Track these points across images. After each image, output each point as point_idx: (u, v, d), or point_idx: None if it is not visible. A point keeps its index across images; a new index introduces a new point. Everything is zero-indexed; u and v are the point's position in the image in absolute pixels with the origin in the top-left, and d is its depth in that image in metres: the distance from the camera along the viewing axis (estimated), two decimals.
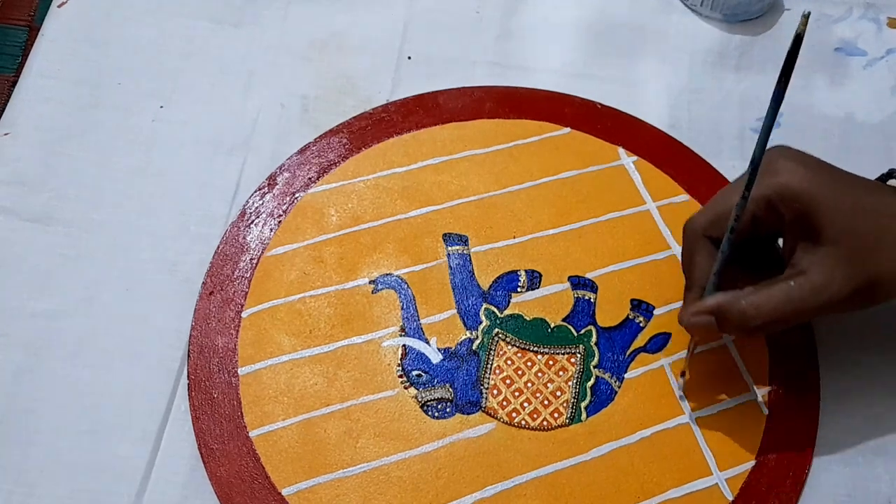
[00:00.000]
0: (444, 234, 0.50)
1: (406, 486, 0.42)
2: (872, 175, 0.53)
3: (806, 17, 0.33)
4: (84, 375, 0.45)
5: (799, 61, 0.59)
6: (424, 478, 0.43)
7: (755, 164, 0.37)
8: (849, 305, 0.39)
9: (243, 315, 0.47)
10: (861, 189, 0.40)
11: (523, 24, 0.58)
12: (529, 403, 0.45)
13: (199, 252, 0.49)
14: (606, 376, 0.46)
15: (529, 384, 0.45)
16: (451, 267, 0.49)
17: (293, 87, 0.55)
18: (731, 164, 0.53)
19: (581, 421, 0.44)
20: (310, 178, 0.51)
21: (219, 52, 0.56)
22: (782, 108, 0.55)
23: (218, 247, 0.49)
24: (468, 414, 0.44)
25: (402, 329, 0.47)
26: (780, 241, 0.42)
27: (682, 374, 0.45)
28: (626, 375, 0.46)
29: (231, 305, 0.47)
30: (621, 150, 0.53)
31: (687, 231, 0.43)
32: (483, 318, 0.47)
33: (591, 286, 0.48)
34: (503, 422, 0.44)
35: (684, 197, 0.51)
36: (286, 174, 0.51)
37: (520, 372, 0.46)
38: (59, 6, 0.57)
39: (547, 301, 0.48)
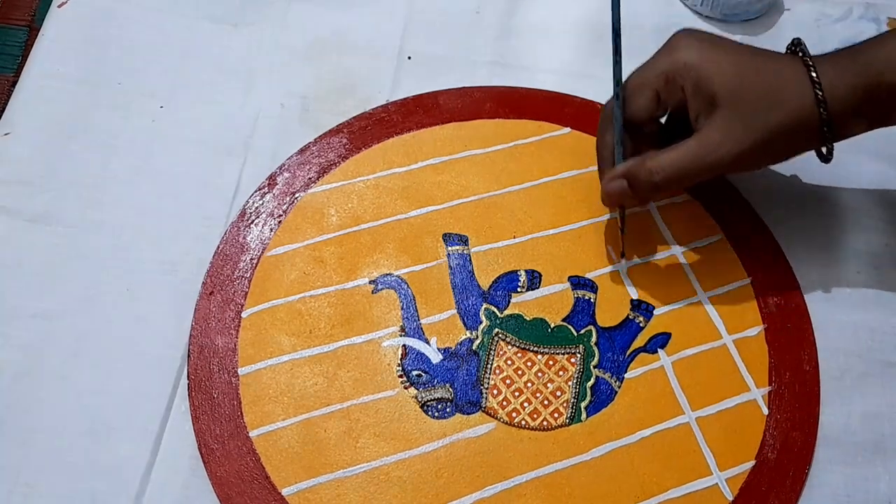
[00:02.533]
0: (444, 234, 0.50)
1: (406, 486, 0.42)
2: (874, 169, 0.54)
3: None
4: (84, 375, 0.45)
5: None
6: (424, 478, 0.43)
7: (615, 27, 0.44)
8: (748, 161, 0.43)
9: (243, 315, 0.47)
10: (751, 56, 0.43)
11: (523, 24, 0.58)
12: (529, 403, 0.45)
13: (199, 252, 0.49)
14: (606, 376, 0.46)
15: (529, 384, 0.45)
16: (451, 267, 0.49)
17: (293, 87, 0.55)
18: None
19: (581, 421, 0.44)
20: (310, 178, 0.51)
21: (219, 51, 0.56)
22: None
23: (218, 247, 0.49)
24: (468, 414, 0.44)
25: (402, 329, 0.47)
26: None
27: (622, 255, 0.48)
28: (626, 375, 0.46)
29: (231, 305, 0.47)
30: None
31: (600, 115, 0.47)
32: (483, 318, 0.47)
33: (591, 286, 0.48)
34: (503, 422, 0.44)
35: (684, 197, 0.51)
36: (286, 174, 0.51)
37: (520, 372, 0.46)
38: (59, 6, 0.57)
39: (547, 301, 0.48)
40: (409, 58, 0.56)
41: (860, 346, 0.47)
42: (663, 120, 0.48)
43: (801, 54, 0.43)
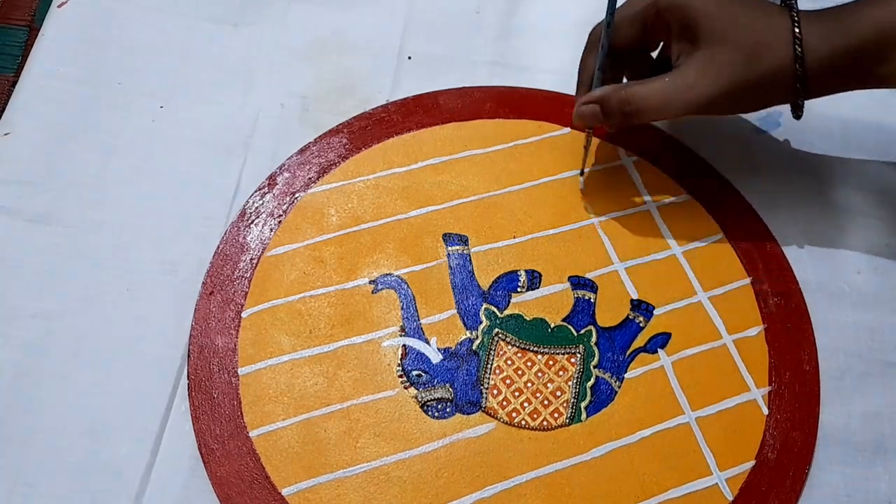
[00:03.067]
0: (444, 234, 0.50)
1: (406, 486, 0.42)
2: (874, 169, 0.54)
3: None
4: (84, 375, 0.45)
5: None
6: (424, 478, 0.43)
7: None
8: (718, 106, 0.44)
9: (243, 315, 0.47)
10: (744, 5, 0.43)
11: (523, 24, 0.58)
12: (529, 403, 0.45)
13: (199, 252, 0.49)
14: (606, 376, 0.46)
15: (529, 384, 0.45)
16: (451, 267, 0.49)
17: (293, 87, 0.55)
18: (731, 164, 0.53)
19: (581, 421, 0.44)
20: (310, 178, 0.51)
21: (219, 51, 0.56)
22: (781, 108, 0.56)
23: (218, 247, 0.49)
24: (468, 414, 0.44)
25: (402, 329, 0.47)
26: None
27: (581, 173, 0.51)
28: (626, 375, 0.46)
29: (231, 305, 0.47)
30: (621, 151, 0.53)
31: (588, 39, 0.48)
32: (483, 318, 0.47)
33: (591, 286, 0.48)
34: (503, 422, 0.44)
35: (684, 197, 0.51)
36: (286, 174, 0.51)
37: (520, 372, 0.46)
38: (59, 6, 0.57)
39: (547, 301, 0.48)
40: (409, 58, 0.56)
41: (860, 346, 0.47)
42: (653, 57, 0.50)
43: (790, 9, 0.43)
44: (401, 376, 0.45)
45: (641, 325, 0.47)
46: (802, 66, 0.42)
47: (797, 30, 0.42)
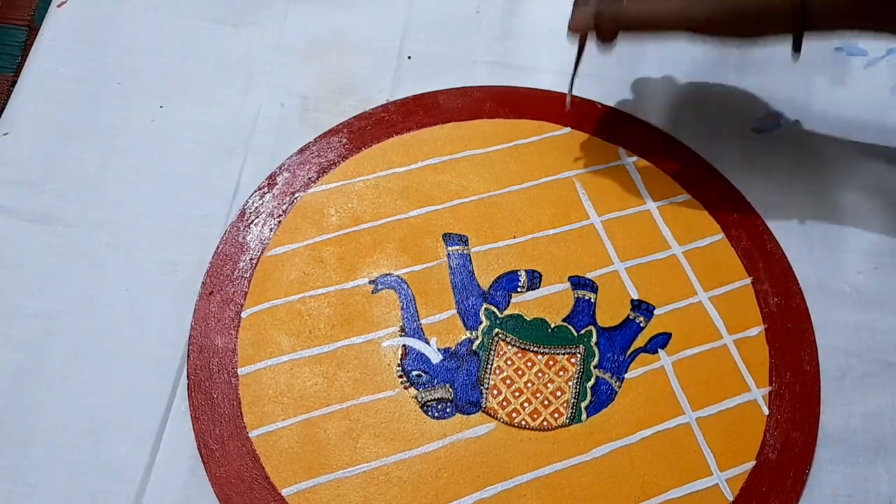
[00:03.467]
0: (444, 234, 0.50)
1: (406, 487, 0.42)
2: (874, 169, 0.54)
3: None
4: (84, 375, 0.45)
5: (799, 61, 0.59)
6: (424, 478, 0.43)
7: None
8: (718, 26, 0.43)
9: (243, 315, 0.47)
10: None
11: (523, 24, 0.58)
12: (529, 403, 0.45)
13: (199, 252, 0.49)
14: (606, 376, 0.46)
15: (529, 384, 0.45)
16: (451, 267, 0.49)
17: (293, 87, 0.55)
18: (731, 164, 0.53)
19: (581, 421, 0.44)
20: (310, 178, 0.51)
21: (219, 52, 0.56)
22: (782, 108, 0.56)
23: (218, 247, 0.49)
24: (468, 414, 0.44)
25: (402, 329, 0.47)
26: None
27: (571, 86, 0.50)
28: (626, 375, 0.46)
29: (231, 305, 0.47)
30: (621, 150, 0.53)
31: None
32: (483, 318, 0.47)
33: (591, 286, 0.48)
34: (503, 422, 0.44)
35: (684, 197, 0.51)
36: (286, 174, 0.51)
37: (520, 372, 0.46)
38: (58, 6, 0.57)
39: (547, 301, 0.48)
40: (409, 58, 0.56)
41: (860, 346, 0.47)
42: None
43: None
44: (401, 376, 0.45)
45: (642, 325, 0.47)
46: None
47: None
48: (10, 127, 0.52)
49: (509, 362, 0.46)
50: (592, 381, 0.45)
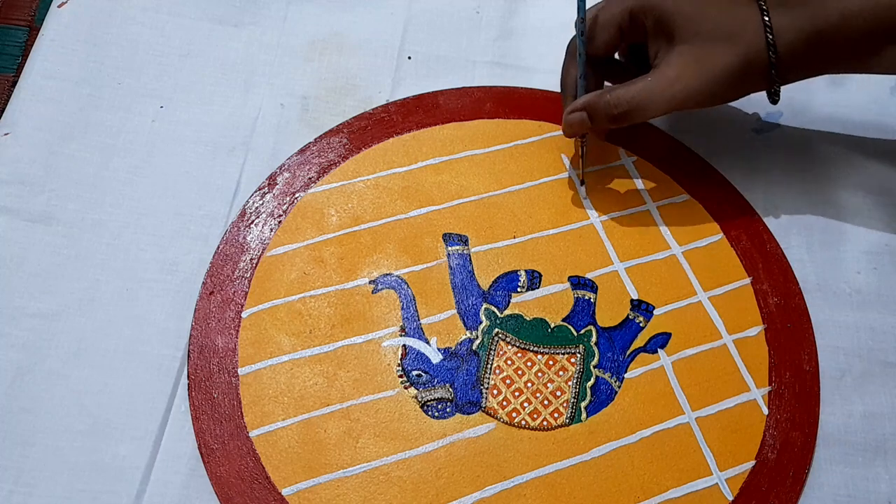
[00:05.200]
0: (444, 234, 0.50)
1: (406, 486, 0.42)
2: (874, 169, 0.54)
3: None
4: (84, 375, 0.45)
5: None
6: (424, 478, 0.43)
7: None
8: (700, 98, 0.45)
9: (243, 315, 0.47)
10: (714, 1, 0.46)
11: (523, 24, 0.58)
12: (529, 403, 0.45)
13: (199, 252, 0.49)
14: (606, 376, 0.46)
15: (529, 384, 0.45)
16: (451, 267, 0.49)
17: (293, 87, 0.55)
18: (731, 164, 0.53)
19: (581, 421, 0.44)
20: (310, 178, 0.51)
21: (219, 52, 0.56)
22: (782, 108, 0.56)
23: (218, 247, 0.49)
24: (468, 414, 0.44)
25: (402, 329, 0.47)
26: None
27: (582, 182, 0.51)
28: (626, 375, 0.46)
29: (231, 305, 0.47)
30: (621, 151, 0.53)
31: (567, 49, 0.50)
32: (483, 318, 0.47)
33: (591, 286, 0.48)
34: (503, 422, 0.44)
35: (684, 197, 0.51)
36: (286, 174, 0.51)
37: (520, 372, 0.46)
38: (59, 6, 0.57)
39: (547, 301, 0.48)
40: (409, 58, 0.56)
41: (860, 346, 0.47)
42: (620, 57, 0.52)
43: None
44: (401, 376, 0.45)
45: (641, 325, 0.47)
46: (775, 53, 0.44)
47: (766, 18, 0.44)
48: (10, 127, 0.52)
49: (509, 362, 0.46)
50: (592, 380, 0.45)
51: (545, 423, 0.44)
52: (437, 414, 0.44)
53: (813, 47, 0.44)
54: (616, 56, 0.52)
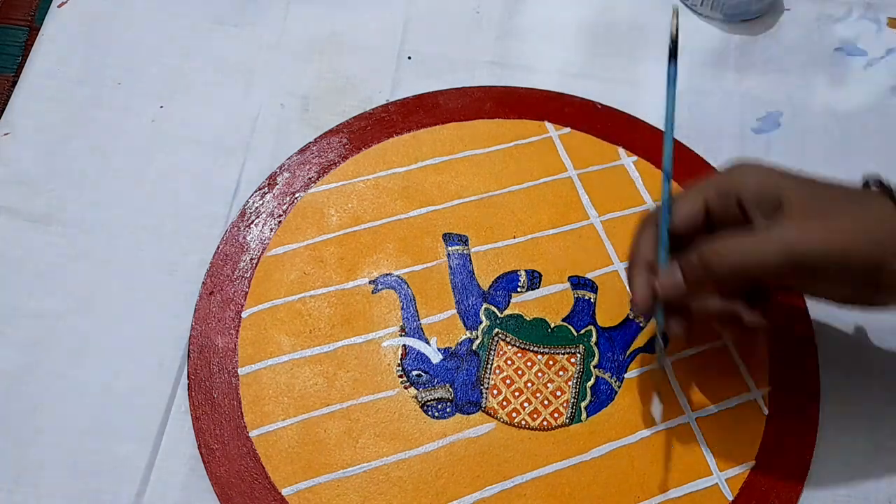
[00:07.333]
0: (444, 234, 0.50)
1: (406, 486, 0.42)
2: (874, 170, 0.53)
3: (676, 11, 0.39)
4: (84, 375, 0.45)
5: (799, 61, 0.60)
6: (424, 478, 0.43)
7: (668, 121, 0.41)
8: (831, 261, 0.36)
9: (243, 315, 0.47)
10: (821, 182, 0.39)
11: (523, 24, 0.58)
12: (529, 403, 0.45)
13: (199, 252, 0.49)
14: (606, 376, 0.46)
15: (529, 384, 0.45)
16: (451, 267, 0.49)
17: (293, 87, 0.55)
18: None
19: (581, 421, 0.44)
20: (310, 178, 0.51)
21: (219, 52, 0.56)
22: (782, 108, 0.56)
23: (218, 247, 0.49)
24: (468, 414, 0.44)
25: (402, 329, 0.47)
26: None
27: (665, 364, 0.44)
28: (626, 375, 0.46)
29: (231, 305, 0.47)
30: (621, 150, 0.53)
31: (642, 218, 0.42)
32: (483, 318, 0.47)
33: (591, 286, 0.48)
34: (503, 422, 0.44)
35: None
36: (286, 174, 0.51)
37: (520, 372, 0.46)
38: (59, 6, 0.57)
39: (547, 301, 0.48)
40: (409, 58, 0.56)
41: (860, 347, 0.47)
42: None
43: (887, 194, 0.38)
44: (401, 376, 0.45)
45: (642, 325, 0.47)
46: None
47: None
48: (10, 127, 0.52)
49: (509, 362, 0.46)
50: (592, 380, 0.45)
51: (545, 423, 0.44)
52: (437, 414, 0.44)
53: None
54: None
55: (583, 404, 0.45)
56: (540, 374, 0.45)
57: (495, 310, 0.47)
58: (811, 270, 0.36)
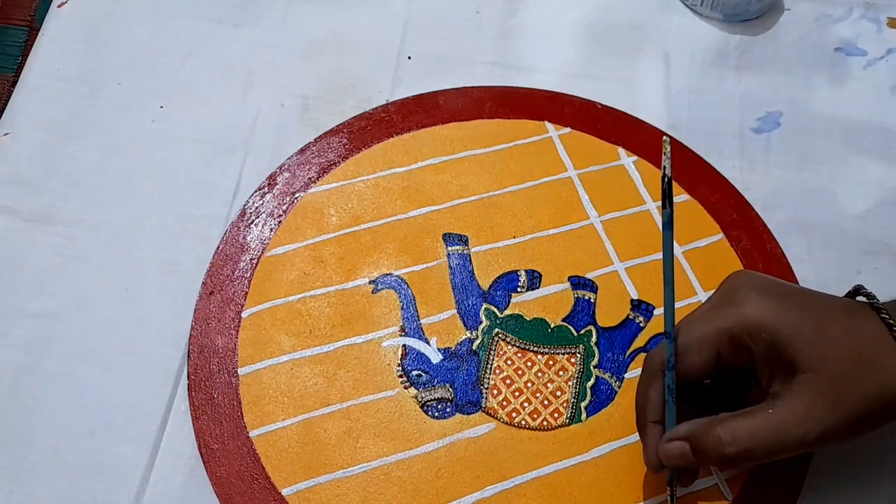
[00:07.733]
0: (444, 234, 0.50)
1: (406, 486, 0.42)
2: (874, 170, 0.53)
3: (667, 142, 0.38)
4: (84, 375, 0.45)
5: (799, 61, 0.59)
6: (424, 478, 0.43)
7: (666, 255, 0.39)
8: (839, 435, 0.36)
9: (243, 315, 0.47)
10: (828, 312, 0.38)
11: (523, 24, 0.58)
12: (529, 403, 0.45)
13: (199, 252, 0.49)
14: (606, 376, 0.46)
15: (529, 384, 0.45)
16: (451, 267, 0.49)
17: (293, 87, 0.55)
18: (731, 164, 0.53)
19: (581, 421, 0.44)
20: (310, 178, 0.51)
21: (219, 52, 0.56)
22: (782, 108, 0.56)
23: (218, 247, 0.49)
24: (468, 414, 0.44)
25: (402, 329, 0.47)
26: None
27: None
28: (626, 375, 0.46)
29: (231, 305, 0.47)
30: (621, 150, 0.53)
31: (646, 364, 0.41)
32: (483, 318, 0.47)
33: (591, 286, 0.48)
34: (503, 422, 0.44)
35: (684, 197, 0.51)
36: (286, 174, 0.51)
37: (520, 372, 0.46)
38: (59, 6, 0.57)
39: (547, 301, 0.48)
40: (409, 58, 0.56)
41: None
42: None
43: (874, 308, 0.38)
44: (401, 376, 0.45)
45: (641, 325, 0.47)
46: None
47: (895, 334, 0.36)
48: (10, 127, 0.52)
49: (509, 362, 0.46)
50: (592, 380, 0.45)
51: (545, 423, 0.44)
52: (437, 414, 0.44)
53: None
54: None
55: (583, 404, 0.45)
56: (540, 374, 0.45)
57: (495, 310, 0.47)
58: (826, 444, 0.37)
